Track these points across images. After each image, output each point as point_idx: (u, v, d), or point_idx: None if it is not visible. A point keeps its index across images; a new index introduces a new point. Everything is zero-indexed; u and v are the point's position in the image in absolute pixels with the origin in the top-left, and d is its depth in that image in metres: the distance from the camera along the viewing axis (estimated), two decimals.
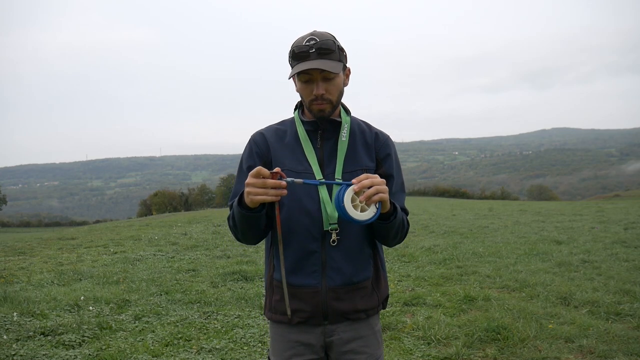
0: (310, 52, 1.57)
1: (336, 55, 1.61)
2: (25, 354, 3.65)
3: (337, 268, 1.66)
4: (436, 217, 16.19)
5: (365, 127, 1.78)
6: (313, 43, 1.58)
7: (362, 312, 1.71)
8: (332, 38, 1.62)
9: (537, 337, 3.94)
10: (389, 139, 1.79)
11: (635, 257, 7.19)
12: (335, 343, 1.71)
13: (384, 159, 1.74)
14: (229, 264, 7.13)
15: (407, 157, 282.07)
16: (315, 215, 1.64)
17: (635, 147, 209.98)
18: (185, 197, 65.40)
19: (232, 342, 4.01)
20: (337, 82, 1.63)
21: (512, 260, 7.32)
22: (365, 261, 1.71)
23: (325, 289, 1.66)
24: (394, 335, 4.10)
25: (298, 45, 1.59)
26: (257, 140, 1.74)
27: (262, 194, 1.44)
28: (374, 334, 1.76)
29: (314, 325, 1.69)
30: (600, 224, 11.97)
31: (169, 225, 13.81)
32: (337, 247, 1.65)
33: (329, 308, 1.66)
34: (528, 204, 29.58)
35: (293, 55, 1.60)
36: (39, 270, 6.96)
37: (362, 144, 1.73)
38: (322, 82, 1.60)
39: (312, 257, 1.65)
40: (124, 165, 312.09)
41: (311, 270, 1.66)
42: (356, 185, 1.46)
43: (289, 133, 1.73)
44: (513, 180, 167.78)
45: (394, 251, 8.22)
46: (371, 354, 1.73)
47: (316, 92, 1.60)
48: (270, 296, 1.75)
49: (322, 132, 1.70)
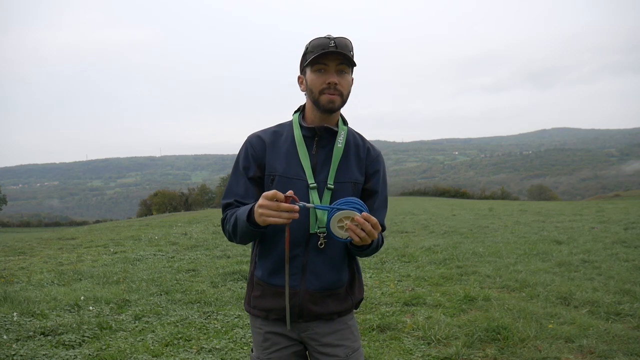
0: (330, 45, 1.63)
1: (352, 54, 1.69)
2: (25, 354, 3.64)
3: (317, 273, 1.72)
4: (436, 217, 16.18)
5: (360, 140, 1.83)
6: (332, 38, 1.65)
7: (335, 314, 1.78)
8: (348, 39, 1.69)
9: (537, 337, 3.94)
10: (380, 156, 1.85)
11: (635, 257, 7.19)
12: (311, 337, 1.78)
13: (373, 175, 1.80)
14: (229, 264, 7.13)
15: (407, 157, 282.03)
16: (301, 220, 1.66)
17: (635, 147, 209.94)
18: (185, 197, 65.39)
19: (232, 342, 4.01)
20: (348, 80, 1.70)
21: (512, 260, 7.32)
22: (343, 268, 1.78)
23: (303, 291, 1.72)
24: (394, 335, 4.10)
25: (316, 40, 1.67)
26: (254, 142, 1.77)
27: (275, 216, 1.49)
28: (349, 328, 1.82)
29: (290, 322, 1.76)
30: (600, 224, 11.97)
31: (169, 225, 13.81)
32: (319, 252, 1.70)
33: (304, 309, 1.73)
34: (528, 204, 29.57)
35: (313, 47, 1.66)
36: (39, 270, 6.96)
37: (355, 157, 1.78)
38: (336, 74, 1.66)
39: (295, 261, 1.71)
40: (124, 165, 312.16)
41: (292, 273, 1.71)
42: (361, 217, 1.50)
43: (285, 136, 1.77)
44: (513, 180, 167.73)
45: (394, 251, 8.22)
46: (349, 346, 1.79)
47: (331, 79, 1.65)
48: (250, 292, 1.83)
49: (319, 139, 1.74)
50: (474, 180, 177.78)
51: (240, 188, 1.75)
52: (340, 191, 1.71)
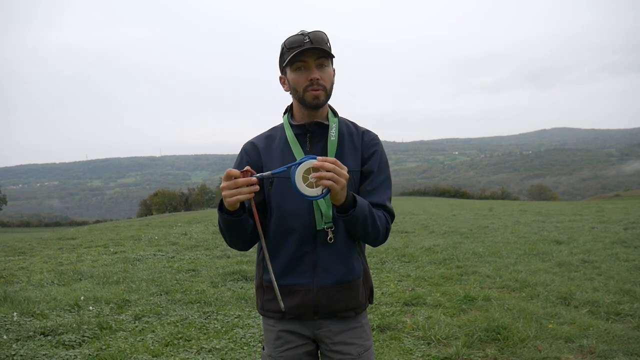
0: (304, 42, 1.62)
1: (328, 47, 1.67)
2: (25, 354, 3.65)
3: (328, 268, 1.70)
4: (436, 217, 16.18)
5: (353, 127, 1.81)
6: (307, 34, 1.64)
7: (351, 311, 1.75)
8: (322, 32, 1.68)
9: (537, 337, 3.94)
10: (375, 138, 1.82)
11: (635, 257, 7.19)
12: (325, 335, 1.75)
13: (369, 157, 1.77)
14: (229, 264, 7.13)
15: (407, 157, 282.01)
16: (306, 218, 1.67)
17: (635, 147, 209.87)
18: (185, 197, 65.37)
19: (232, 342, 4.01)
20: (330, 72, 1.69)
21: (512, 260, 7.32)
22: (355, 260, 1.75)
23: (317, 288, 1.70)
24: (394, 335, 4.10)
25: (291, 38, 1.65)
26: (248, 149, 1.78)
27: (235, 194, 1.47)
28: (362, 327, 1.80)
29: (305, 320, 1.75)
30: (600, 224, 11.97)
31: (169, 225, 13.81)
32: (328, 247, 1.68)
33: (320, 306, 1.71)
34: (528, 204, 29.57)
35: (288, 46, 1.65)
36: (39, 270, 6.96)
37: (350, 146, 1.76)
38: (316, 69, 1.65)
39: (304, 258, 1.70)
40: (124, 165, 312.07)
41: (303, 271, 1.70)
42: (318, 162, 1.46)
43: (278, 138, 1.77)
44: (513, 180, 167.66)
45: (394, 251, 8.22)
46: (361, 345, 1.78)
47: (313, 76, 1.64)
48: (262, 296, 1.81)
49: (311, 135, 1.73)
50: (474, 180, 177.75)
51: None
52: None
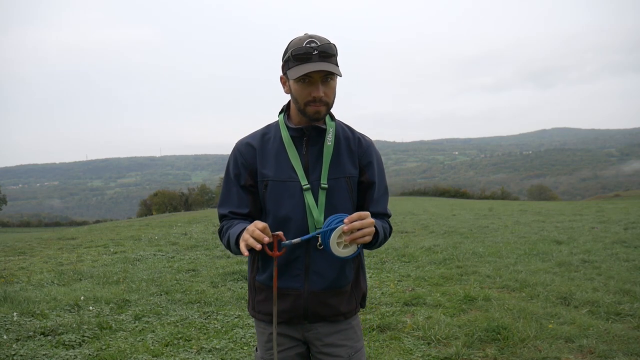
0: (312, 55, 1.57)
1: (335, 59, 1.63)
2: (25, 354, 3.65)
3: (320, 272, 1.70)
4: (436, 217, 16.18)
5: (349, 132, 1.80)
6: (315, 45, 1.58)
7: (340, 316, 1.76)
8: (331, 43, 1.63)
9: (537, 337, 3.94)
10: (371, 145, 1.81)
11: (635, 257, 7.19)
12: (315, 337, 1.76)
13: (367, 166, 1.77)
14: (229, 264, 7.13)
15: (407, 157, 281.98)
16: (300, 223, 1.67)
17: (635, 147, 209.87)
18: (185, 197, 65.37)
19: (232, 342, 4.01)
20: (334, 86, 1.65)
21: (512, 260, 7.32)
22: (347, 265, 1.75)
23: (307, 293, 1.70)
24: (394, 335, 4.10)
25: (299, 47, 1.59)
26: (242, 150, 1.76)
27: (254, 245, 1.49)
28: (352, 328, 1.80)
29: (294, 324, 1.75)
30: (600, 224, 11.97)
31: (169, 225, 13.81)
32: (320, 252, 1.68)
33: (310, 311, 1.71)
34: (528, 204, 29.57)
35: (294, 57, 1.59)
36: (39, 270, 6.96)
37: (347, 151, 1.75)
38: (321, 85, 1.61)
39: (296, 262, 1.70)
40: (124, 165, 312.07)
41: (294, 274, 1.70)
42: (347, 227, 1.49)
43: (274, 138, 1.75)
44: (513, 180, 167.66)
45: (394, 251, 8.22)
46: (351, 346, 1.78)
47: (316, 94, 1.60)
48: (253, 296, 1.82)
49: (308, 138, 1.72)
50: (474, 180, 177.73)
51: (233, 198, 1.75)
52: (334, 189, 1.69)
